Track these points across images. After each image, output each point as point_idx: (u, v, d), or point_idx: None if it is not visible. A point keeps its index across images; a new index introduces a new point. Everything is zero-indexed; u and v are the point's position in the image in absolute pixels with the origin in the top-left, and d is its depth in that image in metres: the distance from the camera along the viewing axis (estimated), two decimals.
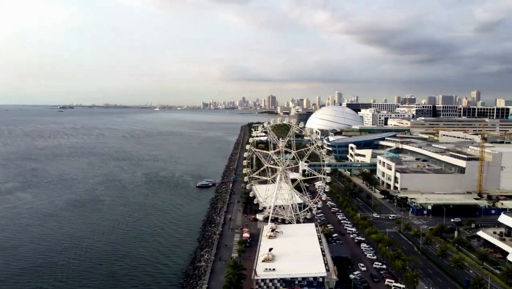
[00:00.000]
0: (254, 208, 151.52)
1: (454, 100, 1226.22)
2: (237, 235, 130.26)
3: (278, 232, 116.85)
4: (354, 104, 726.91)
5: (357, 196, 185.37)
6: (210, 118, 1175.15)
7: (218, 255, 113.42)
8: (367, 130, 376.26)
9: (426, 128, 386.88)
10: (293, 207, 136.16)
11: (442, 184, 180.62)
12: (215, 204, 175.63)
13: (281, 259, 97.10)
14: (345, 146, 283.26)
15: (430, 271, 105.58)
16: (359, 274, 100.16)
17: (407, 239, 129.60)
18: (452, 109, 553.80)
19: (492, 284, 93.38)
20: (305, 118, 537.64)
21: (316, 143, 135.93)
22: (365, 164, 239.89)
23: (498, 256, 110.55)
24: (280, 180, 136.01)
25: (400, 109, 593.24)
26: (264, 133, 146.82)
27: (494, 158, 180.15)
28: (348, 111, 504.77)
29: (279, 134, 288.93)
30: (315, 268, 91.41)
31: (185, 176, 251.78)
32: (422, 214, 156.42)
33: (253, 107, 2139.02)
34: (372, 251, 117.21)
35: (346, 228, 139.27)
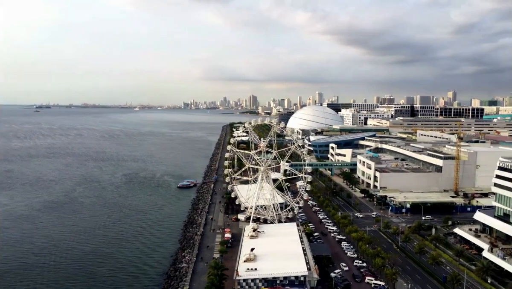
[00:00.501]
0: (236, 208, 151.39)
1: (432, 101, 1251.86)
2: (219, 236, 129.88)
3: (259, 232, 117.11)
4: (335, 104, 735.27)
5: (337, 195, 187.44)
6: (191, 118, 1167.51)
7: (200, 256, 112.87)
8: (348, 130, 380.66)
9: (404, 128, 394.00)
10: (275, 206, 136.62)
11: (420, 182, 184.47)
12: (197, 205, 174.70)
13: (263, 258, 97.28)
14: (326, 146, 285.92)
15: (408, 268, 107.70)
16: (340, 272, 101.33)
17: (386, 237, 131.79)
18: (429, 110, 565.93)
19: (468, 280, 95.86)
20: (286, 118, 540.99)
21: (297, 143, 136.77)
22: (345, 163, 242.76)
23: (473, 252, 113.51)
24: (261, 180, 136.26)
25: (380, 109, 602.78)
26: (245, 133, 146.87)
27: (470, 157, 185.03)
28: (329, 111, 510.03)
29: (261, 134, 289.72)
30: (296, 267, 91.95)
31: (166, 176, 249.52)
32: (401, 212, 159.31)
33: (234, 107, 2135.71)
34: (352, 249, 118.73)
35: (327, 227, 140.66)
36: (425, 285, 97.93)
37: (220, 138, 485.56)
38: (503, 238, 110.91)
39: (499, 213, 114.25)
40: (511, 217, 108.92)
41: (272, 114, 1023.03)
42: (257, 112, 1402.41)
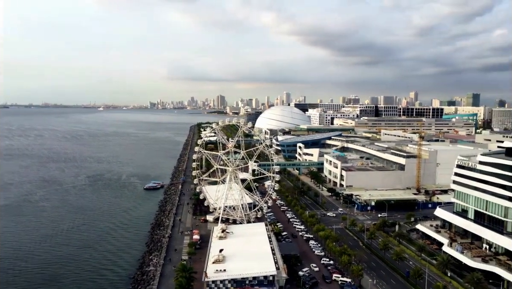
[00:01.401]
0: (204, 209, 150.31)
1: (395, 101, 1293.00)
2: (187, 237, 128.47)
3: (228, 232, 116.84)
4: (302, 104, 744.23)
5: (305, 194, 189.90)
6: (158, 119, 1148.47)
7: (168, 259, 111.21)
8: (315, 130, 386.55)
9: (369, 127, 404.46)
10: (243, 207, 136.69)
11: (384, 180, 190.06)
12: (164, 206, 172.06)
13: (231, 259, 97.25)
14: (293, 145, 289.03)
15: (373, 264, 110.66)
16: (308, 270, 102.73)
17: (352, 234, 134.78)
18: (392, 110, 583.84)
19: (429, 274, 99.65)
20: (254, 118, 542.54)
21: (265, 142, 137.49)
22: (312, 162, 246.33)
23: (434, 247, 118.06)
24: (230, 181, 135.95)
25: (345, 109, 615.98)
26: (213, 133, 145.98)
27: (431, 155, 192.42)
28: (296, 111, 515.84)
29: (229, 134, 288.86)
30: (265, 267, 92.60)
31: (132, 177, 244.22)
32: (366, 209, 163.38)
33: (202, 107, 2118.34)
34: (320, 247, 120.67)
35: (295, 226, 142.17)
36: (389, 280, 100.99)
37: (188, 139, 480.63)
38: (461, 233, 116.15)
39: (457, 209, 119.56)
40: (468, 212, 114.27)
41: (240, 114, 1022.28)
42: (225, 112, 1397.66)
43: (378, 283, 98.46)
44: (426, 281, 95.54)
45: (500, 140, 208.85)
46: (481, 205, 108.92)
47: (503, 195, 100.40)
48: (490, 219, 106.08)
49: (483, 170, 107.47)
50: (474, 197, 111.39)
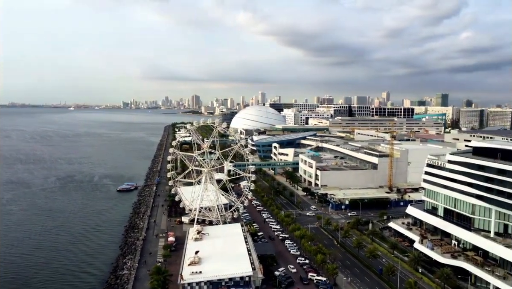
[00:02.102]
0: (179, 211, 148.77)
1: (367, 101, 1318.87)
2: (162, 240, 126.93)
3: (204, 234, 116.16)
4: (277, 104, 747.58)
5: (281, 194, 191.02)
6: (132, 119, 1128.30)
7: (142, 262, 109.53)
8: (290, 129, 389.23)
9: (343, 127, 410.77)
10: (219, 207, 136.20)
11: (358, 179, 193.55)
12: (138, 208, 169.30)
13: (207, 261, 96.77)
14: (268, 145, 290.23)
15: (348, 262, 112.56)
16: (284, 270, 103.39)
17: (327, 233, 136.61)
18: (365, 109, 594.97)
19: (401, 271, 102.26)
20: (229, 118, 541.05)
21: (240, 142, 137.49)
22: (288, 162, 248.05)
23: (406, 244, 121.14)
24: (205, 181, 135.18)
25: (320, 109, 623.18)
26: (188, 134, 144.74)
27: (402, 155, 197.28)
28: (271, 111, 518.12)
29: (204, 134, 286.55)
30: (241, 267, 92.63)
31: (105, 179, 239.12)
32: (341, 208, 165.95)
33: (176, 107, 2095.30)
34: (295, 247, 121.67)
35: (271, 226, 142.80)
36: (363, 278, 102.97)
37: (162, 139, 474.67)
38: (431, 230, 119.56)
39: (428, 206, 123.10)
40: (438, 210, 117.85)
41: (215, 114, 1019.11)
42: (200, 112, 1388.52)
43: (353, 281, 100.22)
44: (399, 278, 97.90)
45: (467, 140, 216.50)
46: (450, 202, 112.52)
47: (471, 192, 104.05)
48: (458, 216, 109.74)
49: (452, 169, 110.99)
50: (443, 195, 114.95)
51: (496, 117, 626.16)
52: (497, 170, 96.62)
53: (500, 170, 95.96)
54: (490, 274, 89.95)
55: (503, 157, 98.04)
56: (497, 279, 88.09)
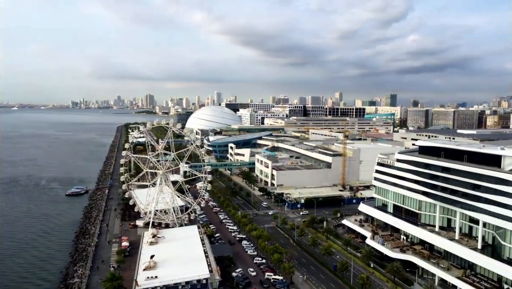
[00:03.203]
0: (134, 214, 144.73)
1: (321, 101, 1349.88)
2: (116, 245, 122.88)
3: (159, 237, 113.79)
4: (233, 104, 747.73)
5: (237, 195, 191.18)
6: (82, 119, 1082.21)
7: (95, 267, 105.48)
8: (246, 129, 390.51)
9: (298, 127, 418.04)
10: (175, 210, 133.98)
11: (313, 178, 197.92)
12: (89, 213, 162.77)
13: (163, 265, 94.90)
14: (225, 146, 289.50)
15: (304, 260, 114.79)
16: (241, 271, 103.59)
17: (284, 232, 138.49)
18: (319, 109, 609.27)
19: (354, 266, 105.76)
20: (185, 118, 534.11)
21: (195, 143, 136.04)
22: (244, 162, 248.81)
23: (359, 240, 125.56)
24: (160, 184, 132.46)
25: (275, 109, 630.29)
26: (142, 134, 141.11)
27: (354, 153, 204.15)
28: (227, 111, 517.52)
29: (159, 135, 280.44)
30: (198, 270, 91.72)
31: (53, 183, 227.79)
32: (297, 207, 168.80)
33: (129, 106, 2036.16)
34: (252, 247, 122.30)
35: (228, 227, 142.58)
36: (318, 275, 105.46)
37: (115, 140, 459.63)
38: (382, 226, 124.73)
39: (378, 203, 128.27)
40: (388, 206, 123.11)
41: (170, 114, 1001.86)
42: (154, 112, 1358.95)
43: (309, 279, 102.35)
44: (352, 273, 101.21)
45: (414, 139, 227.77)
46: (398, 199, 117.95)
47: (417, 189, 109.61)
48: (406, 212, 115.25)
49: (400, 167, 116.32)
50: (392, 192, 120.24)
51: (440, 116, 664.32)
52: (441, 167, 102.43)
53: (443, 167, 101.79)
54: (436, 266, 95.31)
55: (446, 155, 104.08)
56: (441, 271, 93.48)
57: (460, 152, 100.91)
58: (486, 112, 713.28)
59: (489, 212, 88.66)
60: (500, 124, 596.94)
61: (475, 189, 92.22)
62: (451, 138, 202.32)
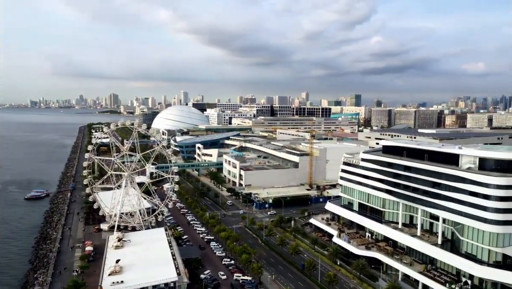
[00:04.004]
0: (98, 218, 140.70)
1: (288, 101, 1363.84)
2: (79, 250, 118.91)
3: (125, 240, 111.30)
4: (200, 104, 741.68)
5: (205, 196, 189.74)
6: (42, 119, 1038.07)
7: (56, 276, 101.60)
8: (213, 130, 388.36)
9: (265, 127, 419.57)
10: (142, 212, 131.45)
11: (280, 178, 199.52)
12: (51, 217, 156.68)
13: (130, 269, 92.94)
14: (192, 146, 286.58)
15: (272, 260, 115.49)
16: (210, 273, 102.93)
17: (252, 232, 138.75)
18: (287, 109, 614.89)
19: (322, 264, 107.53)
20: (151, 118, 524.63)
21: (162, 143, 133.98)
22: (212, 163, 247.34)
23: (326, 239, 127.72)
24: (126, 186, 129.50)
25: (243, 109, 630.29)
26: (106, 134, 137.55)
27: (321, 153, 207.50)
28: (194, 111, 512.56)
29: (124, 135, 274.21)
30: (166, 273, 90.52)
31: (10, 186, 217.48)
32: (265, 207, 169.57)
33: (93, 106, 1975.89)
34: (221, 248, 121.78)
35: (196, 229, 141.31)
36: (286, 274, 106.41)
37: (77, 141, 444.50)
38: (348, 224, 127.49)
39: (344, 202, 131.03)
40: (353, 205, 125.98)
41: (136, 114, 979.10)
42: (119, 112, 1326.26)
43: (277, 278, 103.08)
44: (319, 271, 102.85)
45: (378, 138, 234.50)
46: (363, 198, 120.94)
47: (381, 188, 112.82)
48: (371, 210, 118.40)
49: (365, 166, 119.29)
50: (358, 191, 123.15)
51: (402, 116, 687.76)
52: (404, 166, 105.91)
53: (406, 166, 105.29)
54: (399, 262, 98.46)
55: (408, 155, 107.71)
56: (404, 266, 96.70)
57: (421, 151, 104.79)
58: (445, 112, 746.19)
59: (448, 208, 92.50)
60: (457, 123, 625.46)
61: (435, 186, 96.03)
62: (413, 137, 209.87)
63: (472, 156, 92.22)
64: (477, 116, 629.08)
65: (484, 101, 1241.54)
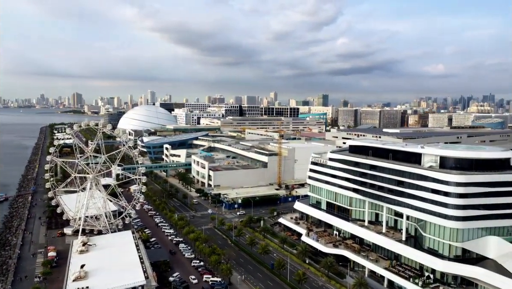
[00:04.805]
0: (61, 222, 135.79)
1: (257, 100, 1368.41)
2: (41, 255, 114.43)
3: (90, 245, 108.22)
4: (168, 104, 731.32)
5: (174, 197, 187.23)
6: None
7: (17, 283, 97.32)
8: (181, 130, 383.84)
9: (234, 126, 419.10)
10: (107, 215, 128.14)
11: (250, 178, 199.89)
12: (10, 222, 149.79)
13: (96, 274, 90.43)
14: (160, 147, 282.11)
15: (242, 260, 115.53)
16: (178, 275, 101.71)
17: (221, 233, 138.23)
18: (255, 109, 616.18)
19: (291, 263, 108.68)
20: (116, 118, 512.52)
21: (128, 144, 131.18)
22: (180, 163, 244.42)
23: (295, 238, 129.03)
24: (91, 188, 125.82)
25: (211, 109, 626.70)
26: (70, 136, 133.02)
27: (289, 153, 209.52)
28: (162, 111, 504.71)
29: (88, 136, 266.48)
30: (133, 277, 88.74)
31: None
32: (234, 208, 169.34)
33: (55, 106, 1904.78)
34: (190, 250, 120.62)
35: (164, 231, 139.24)
36: (256, 274, 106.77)
37: (39, 142, 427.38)
38: (316, 222, 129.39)
39: (313, 201, 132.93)
40: (321, 204, 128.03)
41: (101, 114, 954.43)
42: (82, 112, 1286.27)
43: (247, 278, 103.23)
44: (288, 270, 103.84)
45: (345, 138, 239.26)
46: (331, 196, 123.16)
47: (348, 187, 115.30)
48: (338, 208, 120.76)
49: (332, 166, 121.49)
50: (325, 190, 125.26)
51: (367, 116, 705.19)
52: (369, 165, 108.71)
53: (371, 165, 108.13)
54: (365, 259, 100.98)
55: (374, 154, 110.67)
56: (370, 263, 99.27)
57: (386, 151, 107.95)
58: (408, 112, 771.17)
59: (411, 205, 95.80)
60: (420, 123, 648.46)
61: (399, 185, 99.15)
62: (378, 137, 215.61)
63: (434, 155, 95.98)
64: (438, 116, 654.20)
65: (444, 102, 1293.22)
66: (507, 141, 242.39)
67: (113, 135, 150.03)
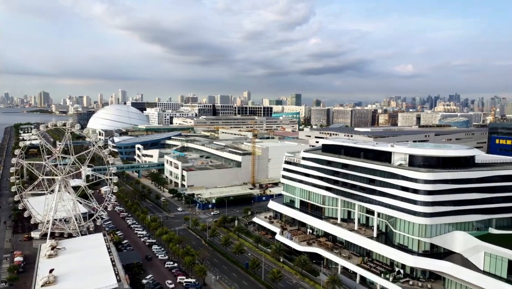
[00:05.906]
0: (28, 225, 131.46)
1: (230, 100, 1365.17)
2: (7, 261, 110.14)
3: (60, 248, 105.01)
4: (139, 103, 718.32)
5: (146, 198, 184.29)
6: None
7: None
8: (154, 129, 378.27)
9: (207, 126, 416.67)
10: (77, 217, 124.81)
11: (223, 178, 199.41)
12: None
13: (65, 279, 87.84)
14: (131, 147, 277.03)
15: (216, 260, 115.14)
16: (152, 277, 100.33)
17: (195, 234, 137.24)
18: (229, 108, 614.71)
19: (265, 262, 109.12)
20: (86, 118, 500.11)
21: (97, 144, 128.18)
22: (153, 164, 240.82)
23: (269, 237, 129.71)
24: (59, 190, 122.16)
25: (184, 108, 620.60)
26: (36, 136, 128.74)
27: (263, 152, 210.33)
28: (133, 110, 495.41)
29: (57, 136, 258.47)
30: (105, 281, 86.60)
31: None
32: (208, 208, 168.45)
33: (20, 105, 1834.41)
34: (163, 251, 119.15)
35: (137, 232, 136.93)
36: (231, 274, 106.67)
37: (3, 143, 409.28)
38: (290, 221, 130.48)
39: (286, 200, 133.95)
40: (295, 203, 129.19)
41: (69, 113, 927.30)
42: (50, 111, 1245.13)
43: (221, 278, 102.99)
44: (263, 269, 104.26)
45: (318, 137, 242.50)
46: (305, 195, 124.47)
47: (321, 185, 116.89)
48: (312, 207, 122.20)
49: (305, 165, 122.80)
50: (299, 188, 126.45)
51: (339, 115, 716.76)
52: (341, 164, 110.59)
53: (343, 164, 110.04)
54: (338, 256, 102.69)
55: (346, 153, 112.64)
56: (343, 260, 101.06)
57: (357, 149, 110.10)
58: (378, 111, 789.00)
59: (382, 203, 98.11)
60: (390, 122, 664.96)
61: (370, 183, 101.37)
62: (350, 136, 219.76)
63: (403, 153, 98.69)
64: (407, 115, 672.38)
65: (413, 101, 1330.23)
66: (471, 140, 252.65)
67: (82, 135, 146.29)
